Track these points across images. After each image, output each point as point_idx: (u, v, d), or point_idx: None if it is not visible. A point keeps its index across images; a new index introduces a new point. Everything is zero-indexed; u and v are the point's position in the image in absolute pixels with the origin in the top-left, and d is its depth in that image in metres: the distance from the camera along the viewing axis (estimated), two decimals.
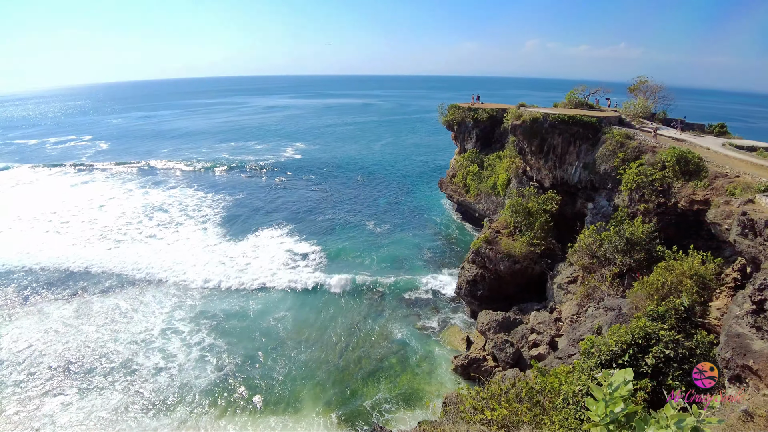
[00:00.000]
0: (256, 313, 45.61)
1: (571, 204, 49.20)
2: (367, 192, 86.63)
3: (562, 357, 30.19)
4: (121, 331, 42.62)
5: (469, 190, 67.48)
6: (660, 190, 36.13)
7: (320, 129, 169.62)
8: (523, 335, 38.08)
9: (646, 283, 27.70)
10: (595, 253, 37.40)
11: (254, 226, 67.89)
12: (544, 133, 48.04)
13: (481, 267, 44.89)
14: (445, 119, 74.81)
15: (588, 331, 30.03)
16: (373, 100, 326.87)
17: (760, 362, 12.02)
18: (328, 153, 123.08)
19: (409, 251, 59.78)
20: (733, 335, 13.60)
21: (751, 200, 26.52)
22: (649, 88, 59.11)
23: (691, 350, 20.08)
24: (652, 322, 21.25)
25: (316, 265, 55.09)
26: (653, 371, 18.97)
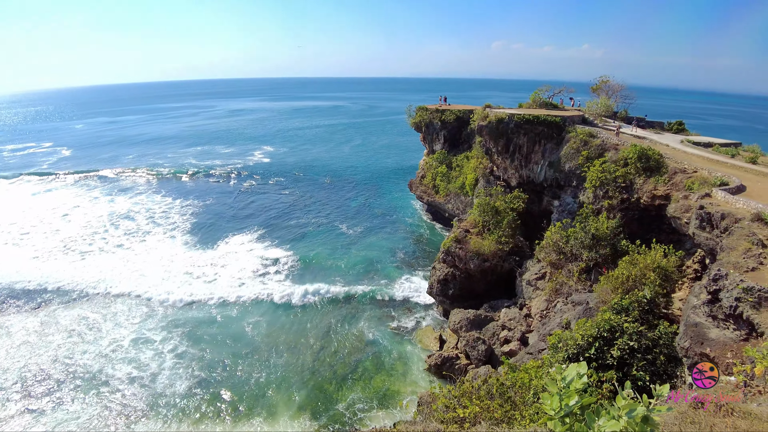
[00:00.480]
0: (228, 321, 45.02)
1: (538, 202, 50.31)
2: (337, 194, 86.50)
3: (532, 352, 30.84)
4: (90, 342, 41.48)
5: (438, 191, 68.13)
6: (623, 187, 37.34)
7: (289, 132, 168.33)
8: (495, 332, 38.73)
9: (612, 277, 28.59)
10: (562, 250, 38.32)
11: (224, 232, 66.76)
12: (510, 133, 48.97)
13: (452, 266, 45.43)
14: (414, 121, 75.34)
15: (557, 325, 30.76)
16: (342, 102, 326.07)
17: (717, 349, 12.63)
18: (297, 156, 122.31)
19: (381, 253, 59.99)
20: (691, 325, 14.23)
21: (708, 194, 27.68)
22: (611, 87, 60.95)
23: (655, 341, 20.85)
24: (616, 315, 21.96)
25: (289, 270, 54.60)
26: (619, 363, 19.63)
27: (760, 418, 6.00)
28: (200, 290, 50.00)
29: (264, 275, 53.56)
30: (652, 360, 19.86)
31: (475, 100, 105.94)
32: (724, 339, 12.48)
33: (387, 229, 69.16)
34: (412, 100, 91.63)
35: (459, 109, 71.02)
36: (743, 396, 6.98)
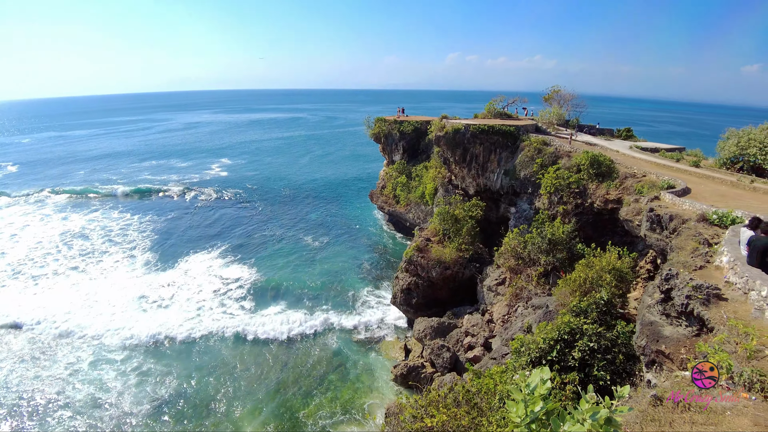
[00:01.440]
0: (189, 341, 43.39)
1: (495, 209, 51.32)
2: (298, 207, 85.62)
3: (496, 357, 31.20)
4: (46, 367, 39.31)
5: (399, 201, 68.54)
6: (577, 192, 38.56)
7: (247, 144, 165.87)
8: (459, 339, 39.00)
9: (569, 280, 29.34)
10: (520, 255, 39.13)
11: (184, 250, 64.31)
12: (466, 143, 49.84)
13: (414, 275, 45.61)
14: (372, 132, 75.75)
15: (519, 330, 31.26)
16: (301, 114, 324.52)
17: (671, 346, 13.06)
18: (255, 169, 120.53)
19: (344, 265, 59.60)
20: (646, 323, 14.70)
21: (657, 197, 28.85)
22: (562, 96, 63.13)
23: (613, 341, 21.48)
24: (576, 318, 22.54)
25: (251, 287, 52.94)
26: (580, 364, 20.10)
27: (715, 411, 6.23)
28: (157, 327, 45.36)
29: (225, 294, 51.55)
30: (611, 359, 20.44)
31: (432, 111, 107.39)
32: (677, 336, 12.95)
33: (349, 240, 68.88)
34: (370, 112, 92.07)
35: (417, 120, 71.92)
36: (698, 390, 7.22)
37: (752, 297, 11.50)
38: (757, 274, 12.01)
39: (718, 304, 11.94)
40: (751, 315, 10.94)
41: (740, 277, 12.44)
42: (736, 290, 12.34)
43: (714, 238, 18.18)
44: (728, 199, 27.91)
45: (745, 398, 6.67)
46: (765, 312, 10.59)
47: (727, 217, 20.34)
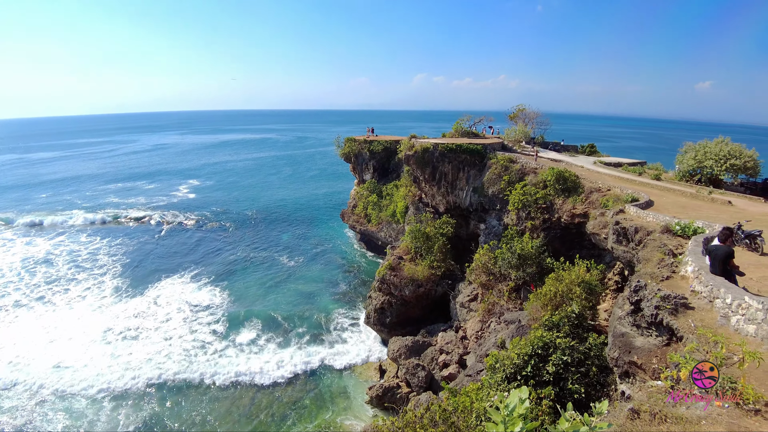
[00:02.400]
0: (158, 382, 41.12)
1: (466, 226, 51.77)
2: (268, 228, 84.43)
3: (471, 374, 31.08)
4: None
5: (370, 220, 68.47)
6: (544, 208, 39.29)
7: (215, 166, 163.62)
8: (433, 357, 38.79)
9: (540, 294, 29.64)
10: (491, 271, 39.43)
11: (152, 276, 61.69)
12: (435, 161, 50.38)
13: (388, 294, 45.37)
14: (343, 152, 75.92)
15: (493, 345, 31.29)
16: (270, 134, 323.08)
17: (643, 356, 13.21)
18: (224, 190, 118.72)
19: (316, 286, 58.81)
20: (618, 335, 14.84)
21: (622, 210, 29.57)
22: (527, 115, 64.87)
23: (586, 353, 21.68)
24: (548, 332, 22.69)
25: (222, 312, 51.23)
26: (555, 378, 20.16)
27: (691, 421, 6.24)
28: (123, 359, 42.63)
29: (195, 320, 49.35)
30: (585, 372, 20.59)
31: (401, 131, 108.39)
32: (648, 346, 13.12)
33: (321, 260, 68.17)
34: (340, 132, 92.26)
35: (386, 140, 72.44)
36: (672, 400, 7.25)
37: (717, 305, 11.76)
38: (721, 282, 12.32)
39: (685, 313, 12.17)
40: (717, 322, 11.18)
41: (705, 285, 12.73)
42: (702, 299, 12.62)
43: (678, 248, 18.66)
44: (689, 210, 28.86)
45: (718, 406, 6.73)
46: (730, 319, 10.83)
47: (689, 227, 20.95)
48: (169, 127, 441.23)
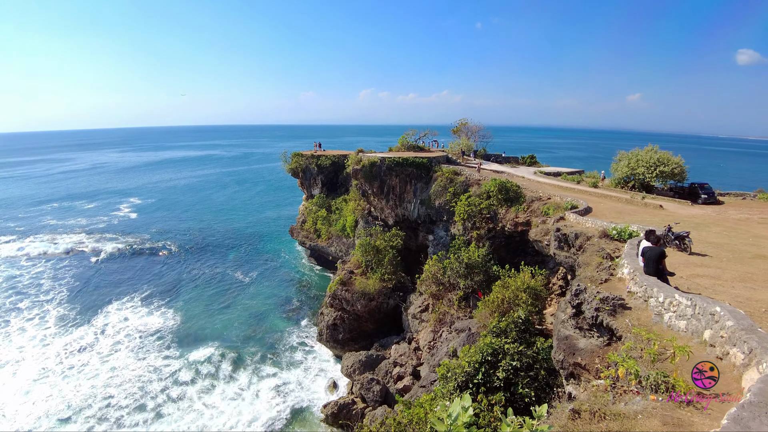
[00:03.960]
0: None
1: (415, 238, 52.31)
2: (215, 247, 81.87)
3: (425, 385, 31.20)
4: None
5: (320, 235, 67.93)
6: (488, 217, 40.32)
7: (157, 184, 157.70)
8: (387, 370, 38.66)
9: (488, 301, 30.26)
10: (440, 281, 39.94)
11: (98, 301, 57.54)
12: (383, 175, 50.80)
13: (340, 309, 45.00)
14: (290, 167, 75.20)
15: (445, 355, 31.57)
16: (215, 150, 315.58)
17: (586, 357, 13.61)
18: (168, 209, 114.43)
19: (267, 305, 57.38)
20: (562, 338, 15.27)
21: (562, 217, 30.72)
22: (469, 129, 66.76)
23: (534, 357, 22.24)
24: (497, 338, 23.15)
25: (171, 338, 48.66)
26: (505, 383, 20.55)
27: (628, 416, 6.50)
28: (60, 404, 38.53)
29: (141, 348, 46.90)
30: (534, 376, 21.11)
31: (348, 146, 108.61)
32: (591, 347, 13.58)
33: (271, 278, 66.75)
34: (287, 147, 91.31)
35: (334, 155, 72.43)
36: (612, 398, 7.53)
37: (652, 304, 12.37)
38: (654, 282, 12.98)
39: (623, 314, 12.72)
40: (652, 320, 11.75)
41: (640, 286, 13.38)
42: (638, 299, 13.24)
43: (615, 251, 19.54)
44: (625, 215, 30.37)
45: (653, 400, 7.03)
46: (663, 316, 11.41)
47: (625, 231, 22.03)
48: (109, 145, 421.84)
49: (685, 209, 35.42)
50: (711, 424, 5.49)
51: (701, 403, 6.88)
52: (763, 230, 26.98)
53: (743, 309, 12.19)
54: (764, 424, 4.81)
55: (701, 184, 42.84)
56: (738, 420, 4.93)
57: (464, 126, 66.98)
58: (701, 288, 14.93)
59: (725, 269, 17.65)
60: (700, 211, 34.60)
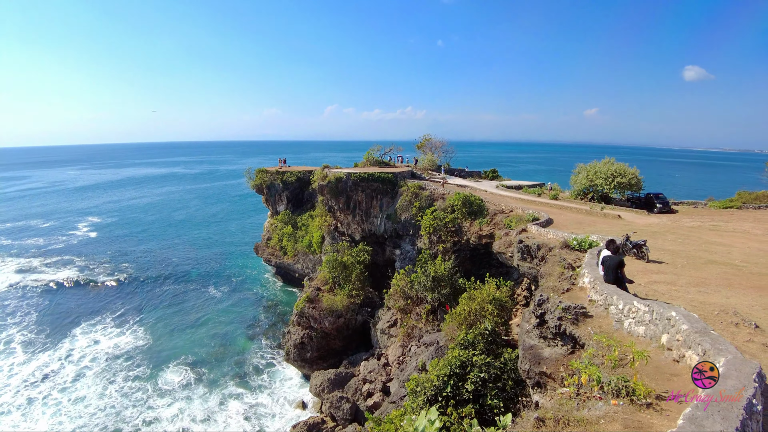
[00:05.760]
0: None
1: (382, 252, 52.36)
2: (179, 266, 79.63)
3: (395, 401, 31.01)
4: None
5: (286, 252, 67.14)
6: (453, 231, 40.82)
7: (118, 203, 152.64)
8: (357, 387, 38.29)
9: (455, 314, 30.49)
10: (408, 295, 40.04)
11: (60, 325, 54.94)
12: (349, 190, 50.89)
13: (307, 327, 44.41)
14: (254, 183, 74.36)
15: (414, 369, 31.50)
16: (178, 168, 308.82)
17: (551, 366, 13.82)
18: (129, 227, 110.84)
19: (232, 325, 56.03)
20: (527, 348, 15.47)
21: (525, 229, 31.35)
22: (433, 144, 67.85)
23: (502, 368, 22.44)
24: (465, 350, 23.29)
25: (136, 361, 46.81)
26: (474, 395, 20.64)
27: (591, 422, 6.65)
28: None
29: (108, 370, 45.02)
30: (502, 387, 21.28)
31: (313, 161, 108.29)
32: (555, 356, 13.82)
33: (236, 297, 65.32)
34: (252, 163, 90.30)
35: (299, 170, 72.14)
36: (576, 405, 7.68)
37: (612, 311, 12.72)
38: (614, 289, 13.36)
39: (585, 322, 13.02)
40: (613, 327, 12.07)
41: (600, 294, 13.74)
42: (599, 306, 13.59)
43: (576, 261, 20.04)
44: (585, 226, 31.25)
45: (614, 405, 7.22)
46: (623, 323, 11.75)
47: (585, 241, 22.64)
48: (69, 162, 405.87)
49: (642, 218, 36.75)
50: (669, 424, 5.68)
51: (660, 405, 7.11)
52: (715, 237, 28.25)
53: (697, 312, 12.69)
54: (717, 422, 5.01)
55: (656, 194, 44.62)
56: (693, 419, 5.12)
57: (428, 141, 68.03)
58: (658, 294, 15.47)
59: (680, 275, 18.36)
60: (656, 220, 35.97)
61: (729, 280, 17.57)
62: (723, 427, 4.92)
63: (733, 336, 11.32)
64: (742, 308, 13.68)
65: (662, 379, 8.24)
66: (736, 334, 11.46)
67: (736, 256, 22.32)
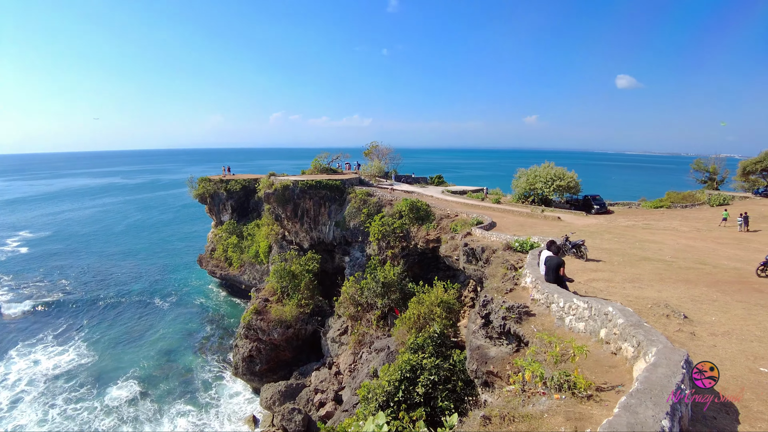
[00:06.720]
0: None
1: (331, 260, 52.04)
2: (119, 279, 75.60)
3: (347, 409, 30.76)
4: None
5: (231, 263, 65.44)
6: (401, 236, 41.18)
7: (53, 215, 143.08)
8: (309, 398, 37.75)
9: (405, 318, 30.70)
10: (358, 302, 39.97)
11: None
12: (296, 198, 50.33)
13: (255, 340, 43.40)
14: (197, 193, 72.13)
15: (366, 376, 31.39)
16: (117, 178, 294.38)
17: (498, 365, 14.11)
18: (64, 242, 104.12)
19: (178, 340, 53.76)
20: (474, 348, 15.73)
21: (469, 233, 32.01)
22: (380, 151, 68.30)
23: (451, 370, 22.73)
24: (414, 354, 23.43)
25: (81, 381, 43.97)
26: (425, 398, 20.78)
27: (535, 417, 6.83)
28: None
29: (47, 393, 41.88)
30: (452, 388, 21.54)
31: (259, 169, 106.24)
32: (501, 354, 14.14)
33: (181, 311, 62.80)
34: (194, 172, 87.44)
35: (244, 179, 70.68)
36: (522, 402, 7.87)
37: (553, 309, 13.17)
38: (555, 288, 13.83)
39: (528, 320, 13.41)
40: (555, 324, 12.49)
41: (542, 293, 14.20)
42: (541, 305, 14.04)
43: (519, 262, 20.65)
44: (526, 228, 32.32)
45: (557, 399, 7.45)
46: (564, 320, 12.18)
47: (527, 243, 23.39)
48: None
49: (580, 219, 38.41)
50: (608, 414, 5.92)
51: (600, 396, 7.40)
52: (647, 235, 29.91)
53: (632, 307, 13.37)
54: (649, 408, 5.28)
55: (594, 196, 46.81)
56: (627, 407, 5.37)
57: (375, 148, 68.43)
58: (597, 291, 16.18)
59: (617, 272, 19.30)
60: (593, 221, 37.70)
61: (661, 275, 18.64)
62: (654, 412, 5.19)
63: (665, 327, 11.99)
64: (672, 301, 14.53)
65: (601, 371, 8.59)
66: (668, 325, 12.14)
67: (666, 253, 23.74)
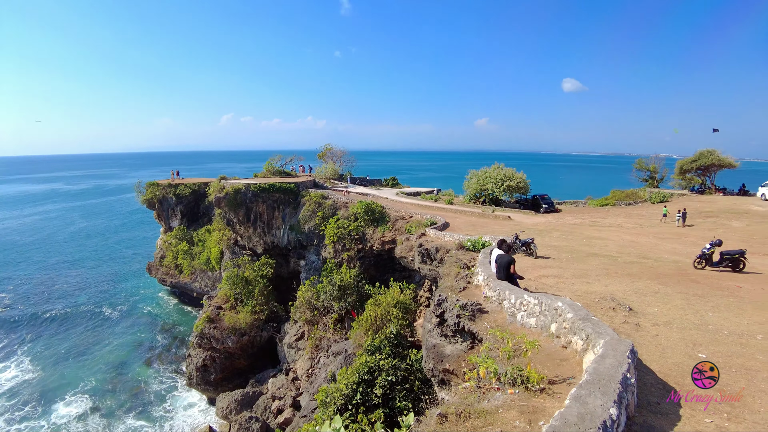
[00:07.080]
0: None
1: (286, 264, 51.35)
2: (64, 290, 71.48)
3: (306, 415, 30.38)
4: None
5: (182, 270, 63.47)
6: (357, 239, 41.12)
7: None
8: (266, 405, 37.08)
9: (362, 320, 30.66)
10: (314, 306, 39.61)
11: None
12: (249, 202, 49.39)
13: (209, 349, 42.23)
14: (145, 198, 69.56)
15: (324, 380, 31.12)
16: (59, 184, 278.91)
17: (453, 363, 14.29)
18: (1, 252, 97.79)
19: (128, 352, 51.44)
20: (430, 347, 15.88)
21: (424, 234, 32.35)
22: (335, 153, 68.04)
23: (408, 370, 22.84)
24: (372, 356, 23.41)
25: (26, 397, 41.27)
26: (383, 399, 20.78)
27: (490, 412, 6.94)
28: None
29: None
30: (410, 388, 21.65)
31: (209, 172, 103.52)
32: (457, 352, 14.33)
33: (130, 321, 60.16)
34: (141, 176, 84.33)
35: (194, 183, 68.83)
36: (478, 398, 7.99)
37: (505, 306, 13.45)
38: (506, 285, 14.14)
39: (482, 317, 13.65)
40: (507, 321, 12.76)
41: (494, 291, 14.49)
42: (493, 302, 14.31)
43: (471, 261, 21.02)
44: (478, 228, 32.95)
45: (511, 393, 7.60)
46: (516, 316, 12.46)
47: (479, 242, 23.85)
48: None
49: (530, 218, 39.51)
50: (560, 405, 6.09)
51: (552, 389, 7.61)
52: (594, 232, 31.10)
53: (581, 301, 13.83)
54: (598, 397, 5.47)
55: (542, 195, 48.28)
56: (577, 398, 5.54)
57: (329, 151, 68.09)
58: (547, 287, 16.66)
59: (565, 268, 19.95)
60: (542, 219, 38.87)
61: (607, 270, 19.40)
62: (602, 401, 5.38)
63: (611, 319, 12.47)
64: (618, 294, 15.14)
65: (553, 365, 8.83)
66: (614, 318, 12.64)
67: (612, 248, 24.76)
